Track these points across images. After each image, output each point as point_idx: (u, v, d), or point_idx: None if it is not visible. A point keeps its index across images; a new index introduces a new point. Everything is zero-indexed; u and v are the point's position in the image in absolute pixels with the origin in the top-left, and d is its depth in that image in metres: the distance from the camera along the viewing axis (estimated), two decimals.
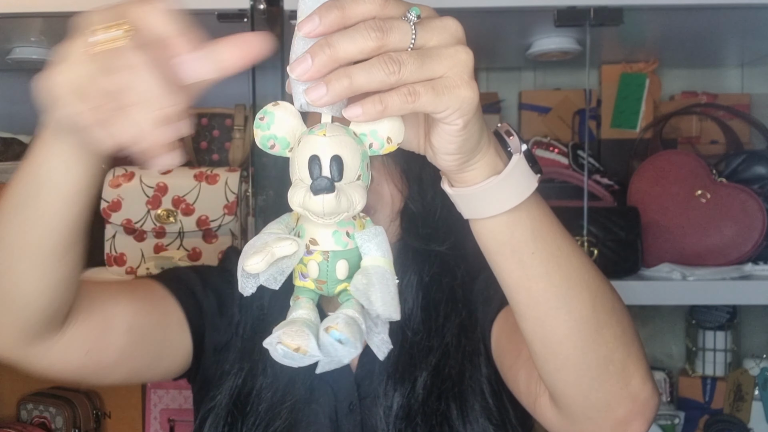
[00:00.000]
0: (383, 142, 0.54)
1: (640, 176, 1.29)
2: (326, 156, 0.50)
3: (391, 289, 0.53)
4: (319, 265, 0.54)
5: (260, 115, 0.53)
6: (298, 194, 0.51)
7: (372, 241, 0.55)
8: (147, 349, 0.78)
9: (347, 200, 0.51)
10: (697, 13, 1.15)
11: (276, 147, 0.53)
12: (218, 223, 1.19)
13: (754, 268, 1.21)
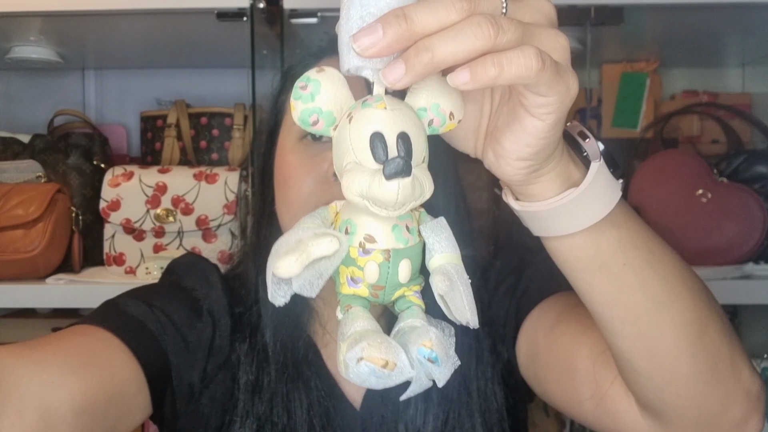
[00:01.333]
0: (445, 118, 0.45)
1: (641, 176, 1.29)
2: (392, 133, 0.42)
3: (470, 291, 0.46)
4: (379, 266, 0.45)
5: (301, 83, 0.43)
6: (360, 180, 0.41)
7: (440, 235, 0.47)
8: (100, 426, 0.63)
9: (420, 186, 0.42)
10: (698, 12, 1.14)
11: (320, 123, 0.44)
12: (218, 222, 1.18)
13: (755, 267, 1.21)
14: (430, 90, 0.45)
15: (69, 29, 1.22)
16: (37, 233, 1.13)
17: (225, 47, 1.30)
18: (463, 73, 0.38)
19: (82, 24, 1.19)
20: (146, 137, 1.37)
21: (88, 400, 0.61)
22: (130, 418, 0.68)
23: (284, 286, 0.44)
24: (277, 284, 0.44)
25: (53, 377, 0.59)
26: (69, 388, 0.59)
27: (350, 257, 0.46)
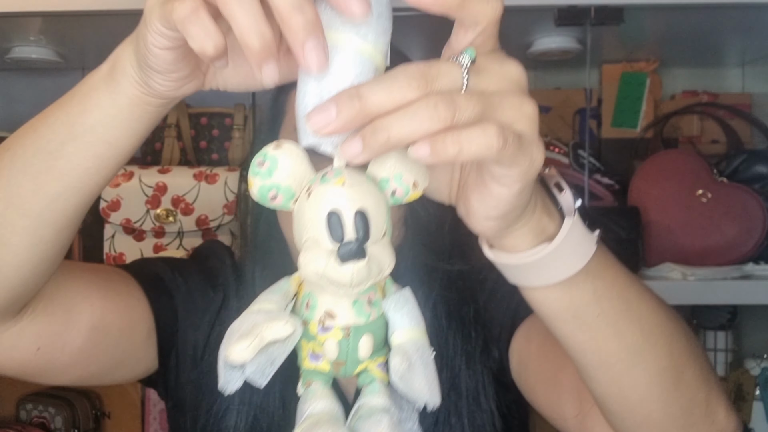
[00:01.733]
0: (408, 188, 0.45)
1: (641, 176, 1.29)
2: (349, 211, 0.41)
3: (432, 368, 0.45)
4: (339, 343, 0.45)
5: (258, 159, 0.43)
6: (316, 261, 0.41)
7: (403, 309, 0.46)
8: (108, 353, 0.68)
9: (377, 266, 0.42)
10: (698, 12, 1.14)
11: (279, 198, 0.43)
12: (218, 222, 1.18)
13: (755, 267, 1.21)
14: (393, 161, 0.45)
15: (69, 29, 1.22)
16: None
17: None
18: (423, 147, 0.37)
19: (82, 24, 1.19)
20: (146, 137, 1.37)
21: (103, 320, 0.64)
22: (135, 363, 0.71)
23: (236, 372, 0.44)
24: (230, 371, 0.43)
25: (81, 287, 0.63)
26: (91, 301, 0.64)
27: (310, 333, 0.45)
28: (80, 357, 0.64)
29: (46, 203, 0.51)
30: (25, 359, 0.61)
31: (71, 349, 0.63)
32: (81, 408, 1.33)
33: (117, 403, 1.37)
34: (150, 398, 1.36)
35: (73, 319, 0.62)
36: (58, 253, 0.55)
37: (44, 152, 0.50)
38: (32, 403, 1.34)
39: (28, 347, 0.60)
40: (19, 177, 0.51)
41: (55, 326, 0.61)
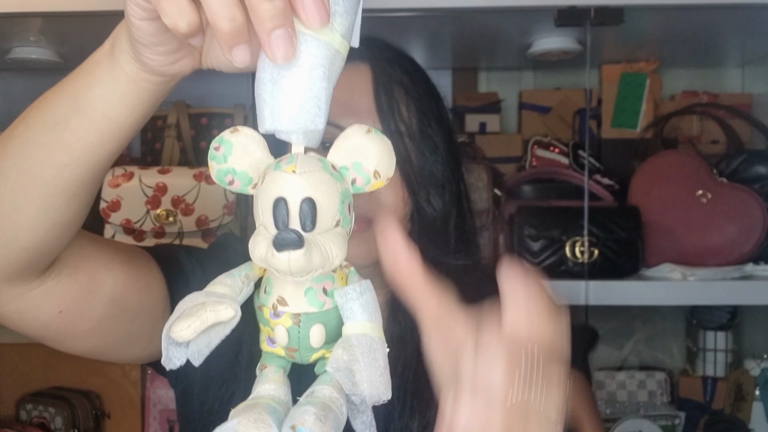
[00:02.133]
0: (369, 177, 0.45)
1: (641, 176, 1.29)
2: (295, 199, 0.41)
3: (380, 364, 0.44)
4: (288, 330, 0.45)
5: (215, 144, 0.44)
6: (259, 246, 0.41)
7: (356, 302, 0.45)
8: (124, 327, 0.70)
9: (321, 255, 0.41)
10: (697, 12, 1.14)
11: (236, 183, 0.44)
12: (218, 223, 1.18)
13: (755, 268, 1.21)
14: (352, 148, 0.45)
15: (69, 30, 1.22)
16: None
17: None
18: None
19: (82, 24, 1.19)
20: (146, 137, 1.37)
21: (124, 294, 0.67)
22: (148, 341, 0.72)
23: (180, 349, 0.45)
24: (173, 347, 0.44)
25: (105, 259, 0.66)
26: (114, 273, 0.66)
27: (265, 318, 0.46)
28: (99, 326, 0.67)
29: (54, 173, 0.53)
30: (48, 321, 0.63)
31: (91, 317, 0.65)
32: (81, 408, 1.33)
33: (117, 403, 1.37)
34: (150, 398, 1.36)
35: (95, 288, 0.65)
36: (71, 221, 0.57)
37: (51, 124, 0.52)
38: (32, 404, 1.34)
39: (51, 309, 0.63)
40: (29, 146, 0.53)
41: (77, 293, 0.64)
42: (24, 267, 0.58)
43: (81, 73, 0.52)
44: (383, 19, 1.15)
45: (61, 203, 0.55)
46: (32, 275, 0.60)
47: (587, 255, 1.18)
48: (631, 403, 1.44)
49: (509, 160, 1.44)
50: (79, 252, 0.63)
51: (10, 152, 0.54)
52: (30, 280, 0.60)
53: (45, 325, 0.64)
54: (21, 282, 0.60)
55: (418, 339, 0.60)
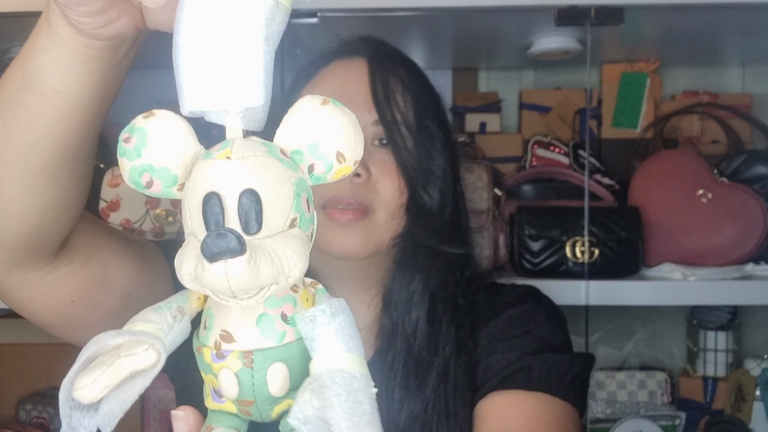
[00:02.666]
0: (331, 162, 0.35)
1: (641, 176, 1.29)
2: (232, 192, 0.31)
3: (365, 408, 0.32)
4: (237, 376, 0.34)
5: (124, 135, 0.34)
6: (187, 261, 0.32)
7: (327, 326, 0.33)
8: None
9: (272, 265, 0.31)
10: (698, 12, 1.14)
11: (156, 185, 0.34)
12: None
13: (755, 268, 1.21)
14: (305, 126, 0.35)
15: None
16: None
17: None
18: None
19: None
20: None
21: (135, 287, 0.65)
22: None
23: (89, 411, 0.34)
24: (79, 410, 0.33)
25: (120, 252, 0.64)
26: (128, 266, 0.65)
27: (205, 362, 0.35)
28: (108, 319, 0.65)
29: (21, 154, 0.50)
30: (59, 309, 0.62)
31: (102, 309, 0.64)
32: None
33: None
34: (150, 399, 1.36)
35: (109, 280, 0.63)
36: (61, 203, 0.54)
37: (8, 100, 0.49)
38: (32, 404, 1.34)
39: (63, 297, 0.61)
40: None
41: (91, 283, 0.62)
42: (27, 252, 0.56)
43: (28, 43, 0.48)
44: (383, 19, 1.15)
45: (41, 186, 0.52)
46: (41, 260, 0.58)
47: (587, 255, 1.18)
48: (631, 403, 1.44)
49: (509, 159, 1.44)
50: (93, 240, 0.62)
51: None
52: (40, 265, 0.58)
53: (56, 314, 0.63)
54: (31, 267, 0.58)
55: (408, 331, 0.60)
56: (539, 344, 0.78)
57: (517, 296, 0.85)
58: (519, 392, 0.74)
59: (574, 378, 0.76)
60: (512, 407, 0.73)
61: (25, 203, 0.53)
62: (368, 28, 1.18)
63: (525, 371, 0.75)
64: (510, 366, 0.76)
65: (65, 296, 0.62)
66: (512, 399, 0.73)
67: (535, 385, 0.73)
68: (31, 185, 0.52)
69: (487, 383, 0.76)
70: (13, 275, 0.58)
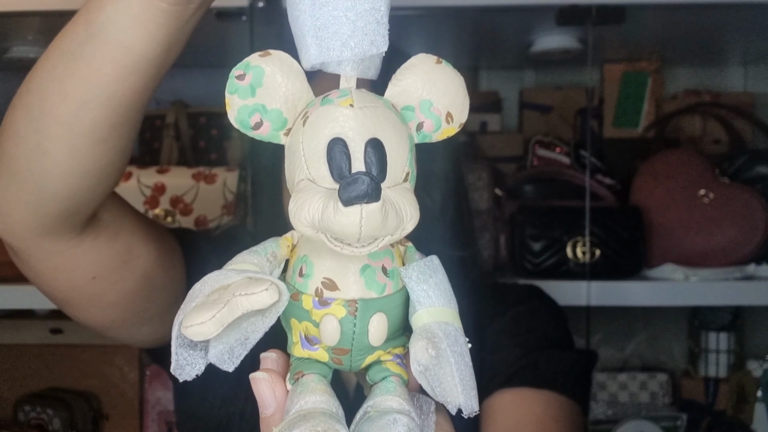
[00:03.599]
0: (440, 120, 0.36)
1: (643, 176, 1.28)
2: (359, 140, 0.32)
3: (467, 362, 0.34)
4: (341, 323, 0.34)
5: (238, 71, 0.34)
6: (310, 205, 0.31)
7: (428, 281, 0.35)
8: (146, 304, 0.69)
9: (396, 215, 0.32)
10: (700, 11, 1.14)
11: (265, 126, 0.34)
12: (217, 223, 1.18)
13: (757, 268, 1.20)
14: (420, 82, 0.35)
15: None
16: None
17: (224, 47, 1.29)
18: None
19: None
20: (145, 137, 1.36)
21: (154, 271, 0.66)
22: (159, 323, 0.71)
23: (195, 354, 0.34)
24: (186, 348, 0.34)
25: (143, 234, 0.65)
26: (149, 249, 0.66)
27: (303, 309, 0.35)
28: (125, 299, 0.66)
29: (73, 110, 0.49)
30: (79, 284, 0.62)
31: (121, 288, 0.64)
32: (79, 410, 1.32)
33: (115, 404, 1.36)
34: (148, 400, 1.35)
35: (131, 261, 0.64)
36: (102, 171, 0.54)
37: (67, 54, 0.49)
38: (30, 405, 1.34)
39: (86, 272, 0.62)
40: (48, 80, 0.50)
41: (113, 261, 0.63)
42: (59, 219, 0.56)
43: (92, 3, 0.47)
44: None
45: (88, 148, 0.51)
46: (70, 230, 0.58)
47: (589, 255, 1.17)
48: (632, 405, 1.44)
49: (510, 159, 1.44)
50: (119, 219, 0.63)
51: (32, 86, 0.52)
52: (69, 236, 0.58)
53: (76, 289, 0.63)
54: (59, 237, 0.58)
55: None
56: (544, 341, 0.80)
57: (520, 295, 0.86)
58: (526, 389, 0.74)
59: (578, 375, 0.77)
60: (519, 403, 0.74)
61: (70, 165, 0.52)
62: None
63: (531, 368, 0.76)
64: (516, 363, 0.77)
65: (88, 271, 0.62)
66: (519, 395, 0.74)
67: (542, 381, 0.75)
68: (78, 146, 0.51)
69: (493, 380, 0.76)
70: (41, 243, 0.58)
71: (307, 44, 0.33)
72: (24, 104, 0.52)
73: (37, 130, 0.51)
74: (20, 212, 0.56)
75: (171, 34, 0.46)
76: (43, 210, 0.55)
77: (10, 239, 0.59)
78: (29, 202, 0.55)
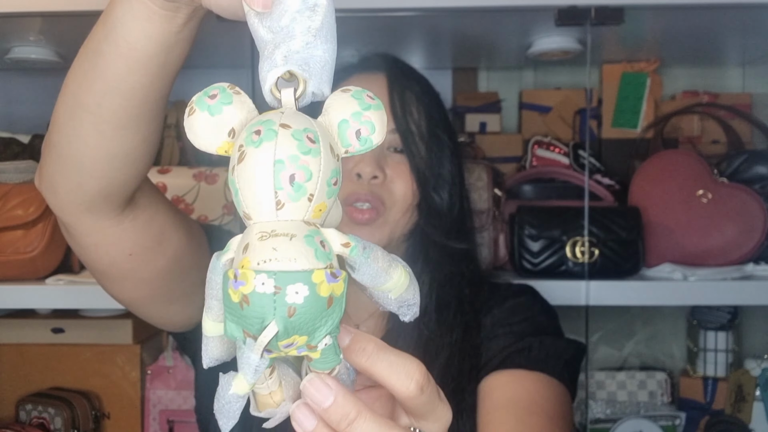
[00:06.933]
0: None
1: (642, 176, 1.29)
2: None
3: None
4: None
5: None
6: None
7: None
8: (176, 284, 0.76)
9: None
10: (698, 12, 1.14)
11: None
12: (217, 222, 1.18)
13: (755, 268, 1.21)
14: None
15: (69, 29, 1.22)
16: (37, 234, 1.13)
17: (225, 47, 1.30)
18: None
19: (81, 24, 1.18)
20: None
21: (184, 253, 0.73)
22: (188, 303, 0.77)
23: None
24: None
25: (175, 220, 0.73)
26: (180, 234, 0.73)
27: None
28: (156, 277, 0.73)
29: (97, 100, 0.57)
30: (117, 260, 0.70)
31: (153, 267, 0.72)
32: (80, 408, 1.33)
33: (116, 403, 1.37)
34: (149, 399, 1.36)
35: (164, 242, 0.71)
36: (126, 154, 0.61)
37: (90, 51, 0.57)
38: (32, 404, 1.34)
39: (123, 249, 0.69)
40: (78, 73, 0.58)
41: (149, 241, 0.70)
42: (99, 198, 0.64)
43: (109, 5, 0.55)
44: (383, 19, 1.15)
45: (112, 133, 0.59)
46: (111, 210, 0.66)
47: (587, 255, 1.18)
48: (631, 404, 1.44)
49: (509, 159, 1.44)
50: (155, 205, 0.70)
51: (69, 79, 0.60)
52: (110, 215, 0.66)
53: (114, 263, 0.70)
54: (102, 215, 0.66)
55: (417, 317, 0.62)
56: (537, 329, 0.87)
57: (515, 290, 0.93)
58: (519, 370, 0.80)
59: (568, 362, 0.84)
60: (514, 382, 0.80)
61: (98, 148, 0.60)
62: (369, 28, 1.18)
63: (525, 351, 0.82)
64: (510, 347, 0.83)
65: (126, 248, 0.69)
66: (513, 376, 0.80)
67: (534, 364, 0.81)
68: (103, 131, 0.59)
69: (489, 363, 0.83)
70: (85, 219, 0.66)
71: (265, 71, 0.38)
72: (62, 96, 0.60)
73: (71, 116, 0.59)
74: (66, 189, 0.64)
75: (166, 38, 0.53)
76: (84, 188, 0.63)
77: (61, 214, 0.67)
78: (71, 180, 0.63)
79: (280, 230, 0.36)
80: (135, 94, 0.57)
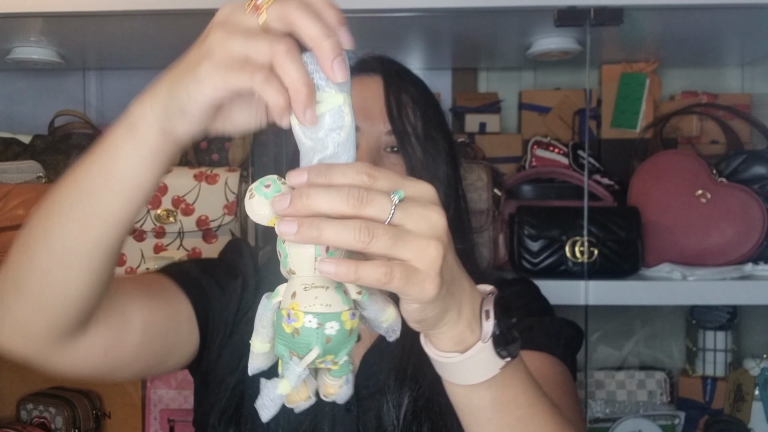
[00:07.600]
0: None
1: (641, 176, 1.29)
2: None
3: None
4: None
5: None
6: None
7: None
8: (160, 345, 0.77)
9: None
10: (697, 12, 1.15)
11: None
12: (218, 223, 1.18)
13: (754, 268, 1.21)
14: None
15: (70, 30, 1.23)
16: None
17: None
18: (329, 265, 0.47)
19: (82, 25, 1.19)
20: None
21: (151, 318, 0.74)
22: (182, 349, 0.81)
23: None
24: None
25: (129, 296, 0.73)
26: (139, 304, 0.73)
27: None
28: (139, 352, 0.74)
29: (94, 241, 0.59)
30: (97, 363, 0.70)
31: (131, 347, 0.72)
32: (81, 408, 1.33)
33: (117, 403, 1.37)
34: (150, 398, 1.36)
35: (127, 322, 0.71)
36: (108, 275, 0.63)
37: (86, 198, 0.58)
38: (33, 404, 1.35)
39: (97, 353, 0.69)
40: (68, 221, 0.59)
41: (114, 331, 0.70)
42: (76, 323, 0.64)
43: (104, 156, 0.57)
44: (384, 19, 1.16)
45: (103, 265, 0.61)
46: (81, 330, 0.66)
47: (587, 255, 1.18)
48: (630, 403, 1.45)
49: (509, 160, 1.45)
50: (107, 298, 0.68)
51: (53, 228, 0.59)
52: (79, 334, 0.66)
53: (96, 368, 0.71)
54: (72, 336, 0.65)
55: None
56: (537, 312, 0.89)
57: (509, 282, 0.96)
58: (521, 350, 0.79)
59: (567, 341, 0.84)
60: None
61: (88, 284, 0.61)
62: (370, 28, 1.19)
63: (527, 331, 0.82)
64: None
65: (98, 352, 0.69)
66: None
67: (536, 344, 0.81)
68: (95, 267, 0.61)
69: None
70: (57, 350, 0.66)
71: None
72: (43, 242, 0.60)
73: (62, 264, 0.60)
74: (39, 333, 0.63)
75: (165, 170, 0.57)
76: (62, 325, 0.63)
77: (34, 354, 0.66)
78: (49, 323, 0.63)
79: (317, 283, 0.51)
80: (130, 224, 0.60)
